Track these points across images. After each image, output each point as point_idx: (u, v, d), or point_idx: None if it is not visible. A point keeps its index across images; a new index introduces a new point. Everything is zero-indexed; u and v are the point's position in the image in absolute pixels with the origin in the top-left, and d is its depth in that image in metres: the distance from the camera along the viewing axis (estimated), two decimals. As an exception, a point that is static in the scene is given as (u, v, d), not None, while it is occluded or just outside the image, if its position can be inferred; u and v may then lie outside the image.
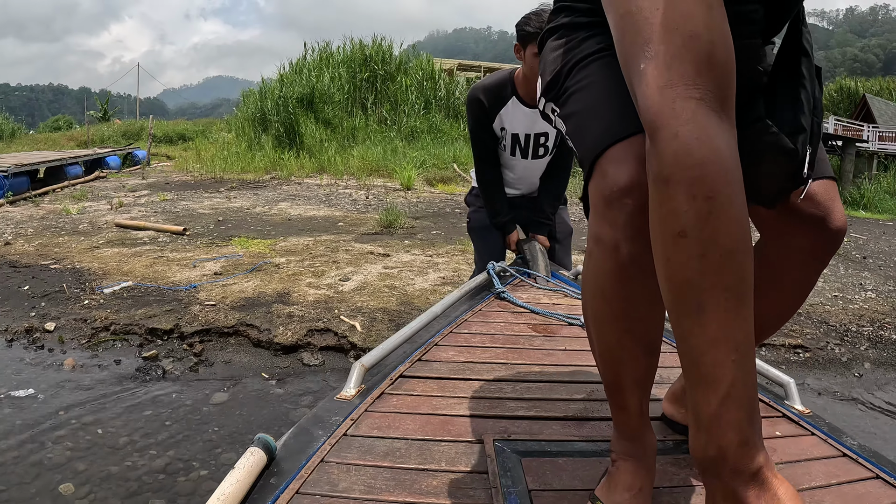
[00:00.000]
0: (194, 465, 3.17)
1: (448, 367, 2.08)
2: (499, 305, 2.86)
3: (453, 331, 2.45)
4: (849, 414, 4.21)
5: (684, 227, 0.88)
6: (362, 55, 22.73)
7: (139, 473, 3.10)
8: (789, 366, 4.83)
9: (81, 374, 4.20)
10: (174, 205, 11.21)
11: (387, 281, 5.99)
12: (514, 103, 3.18)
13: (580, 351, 2.32)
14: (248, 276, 6.07)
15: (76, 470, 3.14)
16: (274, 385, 4.10)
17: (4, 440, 3.40)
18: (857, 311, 6.18)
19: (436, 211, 10.80)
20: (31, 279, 6.27)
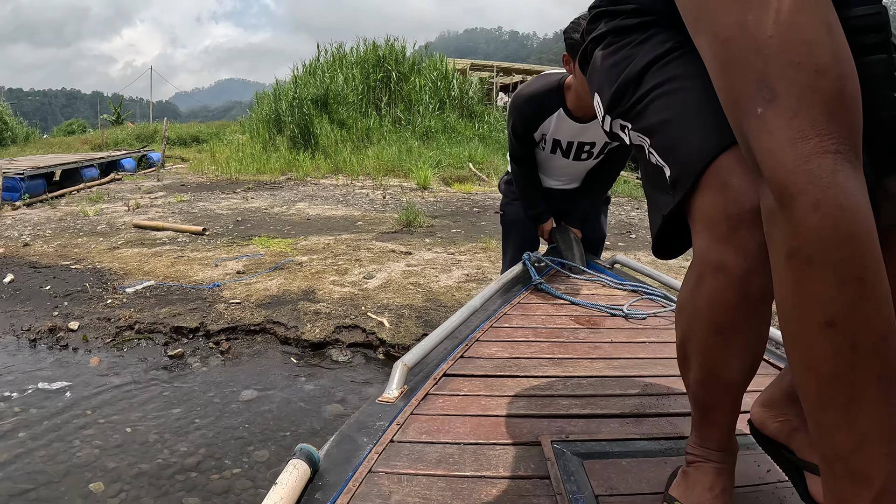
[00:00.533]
0: (226, 464, 3.12)
1: (493, 363, 2.04)
2: (537, 297, 2.80)
3: (494, 325, 2.40)
4: None
5: (833, 317, 0.75)
6: (375, 56, 22.76)
7: (171, 472, 3.06)
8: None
9: (107, 373, 4.16)
10: (191, 206, 11.20)
11: (411, 278, 5.94)
12: (561, 116, 2.87)
13: (627, 343, 2.26)
14: (272, 275, 6.02)
15: (106, 468, 3.10)
16: (304, 381, 4.04)
17: (32, 440, 3.37)
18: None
19: (454, 210, 10.73)
20: (52, 279, 6.25)
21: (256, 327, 4.73)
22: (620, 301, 2.72)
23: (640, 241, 8.56)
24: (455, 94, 22.72)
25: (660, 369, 2.03)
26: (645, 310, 2.63)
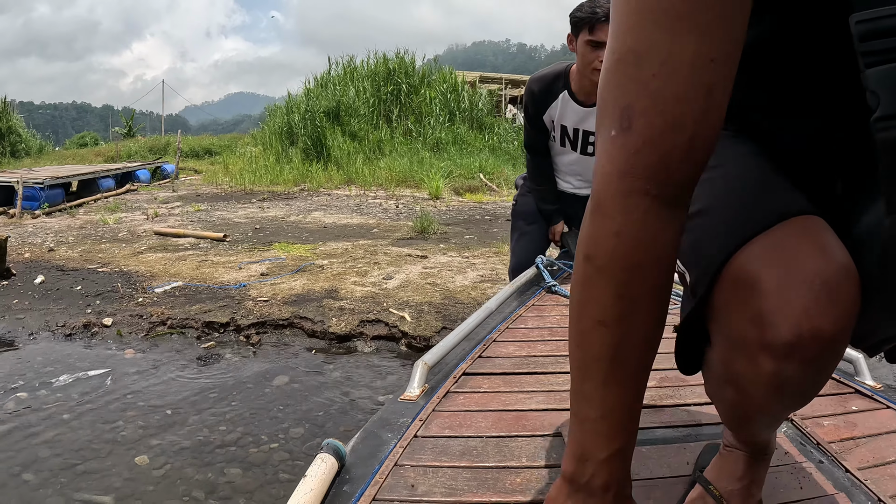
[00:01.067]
0: (263, 439, 3.35)
1: (511, 362, 2.10)
2: (551, 299, 2.88)
3: (510, 326, 2.48)
4: None
5: (605, 319, 0.88)
6: (386, 69, 23.09)
7: (211, 447, 3.29)
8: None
9: (144, 363, 4.40)
10: (209, 214, 11.48)
11: (428, 279, 6.17)
12: (565, 98, 3.13)
13: None
14: (295, 276, 6.26)
15: (149, 444, 3.32)
16: (332, 369, 4.28)
17: (77, 421, 3.59)
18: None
19: (466, 218, 10.98)
20: (81, 280, 6.51)
21: (284, 322, 4.97)
22: None
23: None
24: (465, 106, 23.02)
25: (670, 363, 1.99)
26: None
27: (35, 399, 3.88)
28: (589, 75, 2.94)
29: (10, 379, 4.17)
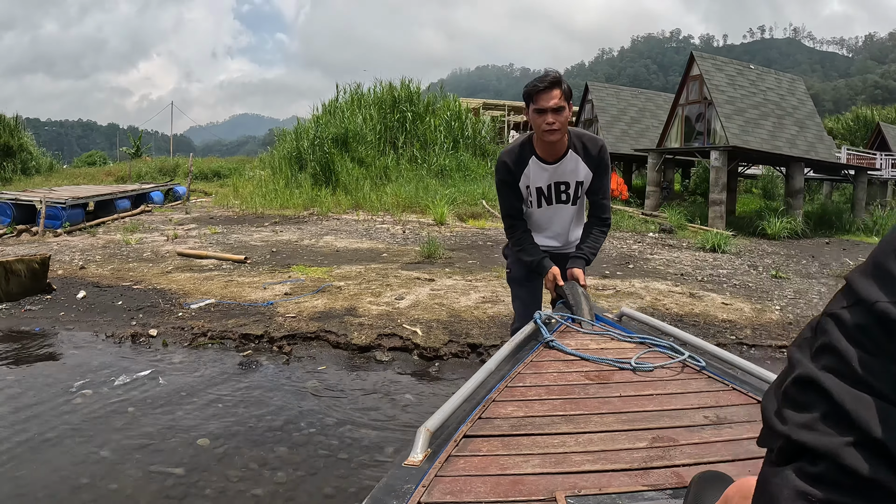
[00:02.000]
0: (302, 426, 4.07)
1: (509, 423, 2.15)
2: (549, 355, 2.91)
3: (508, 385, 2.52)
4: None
5: None
6: (392, 97, 23.95)
7: (260, 430, 4.00)
8: (775, 363, 5.63)
9: (191, 367, 5.11)
10: (226, 237, 12.20)
11: (436, 300, 6.89)
12: (534, 161, 3.57)
13: (635, 396, 2.40)
14: (316, 296, 6.99)
15: (207, 429, 4.03)
16: (356, 374, 5.01)
17: (140, 411, 4.30)
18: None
19: (469, 244, 11.69)
20: (120, 296, 7.23)
21: (312, 335, 5.68)
22: (628, 354, 2.85)
23: (636, 270, 9.48)
24: (468, 133, 23.86)
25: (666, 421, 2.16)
26: (652, 362, 2.75)
27: (100, 395, 4.59)
28: (541, 135, 3.43)
29: (73, 380, 4.88)
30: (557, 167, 3.59)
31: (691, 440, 1.89)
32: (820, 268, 11.16)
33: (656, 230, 16.35)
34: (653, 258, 10.99)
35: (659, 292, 7.80)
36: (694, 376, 2.63)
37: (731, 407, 2.30)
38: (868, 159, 33.25)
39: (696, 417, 2.20)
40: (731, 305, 7.39)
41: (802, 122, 21.43)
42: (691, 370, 2.69)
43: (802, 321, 6.88)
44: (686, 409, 2.28)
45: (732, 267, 10.57)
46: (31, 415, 4.22)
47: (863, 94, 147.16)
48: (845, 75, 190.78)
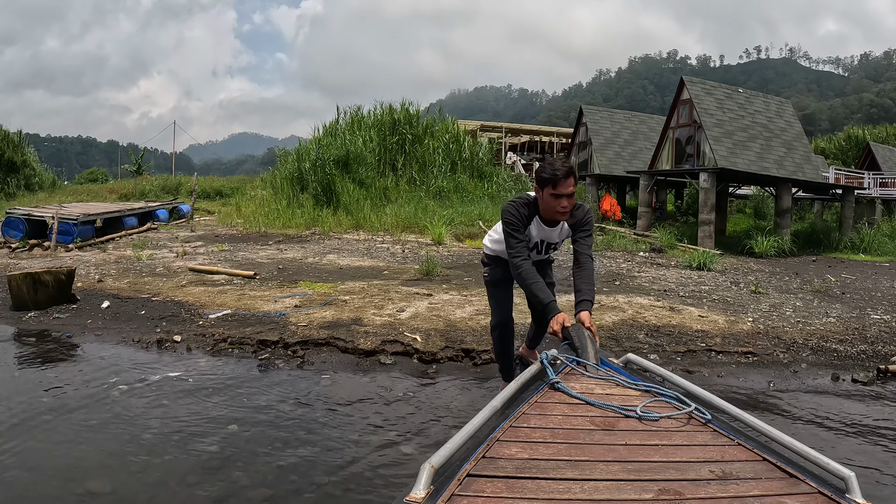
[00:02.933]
0: (318, 414, 4.72)
1: (513, 464, 2.13)
2: (554, 396, 2.90)
3: (513, 425, 2.51)
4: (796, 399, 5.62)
5: None
6: (391, 119, 24.68)
7: (283, 419, 4.64)
8: (740, 367, 6.27)
9: (215, 368, 5.75)
10: (233, 254, 12.85)
11: (434, 312, 7.53)
12: (537, 221, 4.32)
13: (641, 446, 2.38)
14: (324, 308, 7.63)
15: (236, 418, 4.67)
16: (363, 374, 5.67)
17: (173, 404, 4.92)
18: (811, 331, 7.61)
19: (466, 262, 12.33)
20: (142, 307, 7.87)
21: (322, 341, 6.33)
22: (634, 402, 2.84)
23: (622, 286, 10.15)
24: (466, 155, 24.53)
25: (672, 473, 2.14)
26: (658, 411, 2.74)
27: (134, 390, 5.22)
28: (553, 212, 4.16)
29: (108, 378, 5.51)
30: (552, 230, 4.33)
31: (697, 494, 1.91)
32: (801, 284, 11.79)
33: (647, 250, 16.96)
34: (640, 276, 11.64)
35: (641, 306, 8.45)
36: (699, 429, 2.63)
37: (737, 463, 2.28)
38: (856, 178, 34.17)
39: (702, 471, 2.19)
40: (706, 317, 8.02)
41: (790, 144, 22.17)
42: (697, 422, 2.68)
43: (772, 331, 7.52)
44: (692, 461, 2.28)
45: (715, 283, 11.20)
46: (76, 406, 4.84)
47: (858, 113, 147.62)
48: (841, 94, 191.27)
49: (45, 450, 4.05)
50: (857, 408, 5.43)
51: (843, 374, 6.29)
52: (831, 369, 6.46)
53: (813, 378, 6.17)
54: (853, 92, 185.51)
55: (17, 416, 4.59)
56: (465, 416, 4.81)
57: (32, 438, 4.20)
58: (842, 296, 10.43)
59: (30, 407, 4.79)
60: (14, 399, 4.96)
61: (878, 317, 8.64)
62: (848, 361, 6.72)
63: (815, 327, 7.86)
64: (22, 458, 3.92)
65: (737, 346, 6.84)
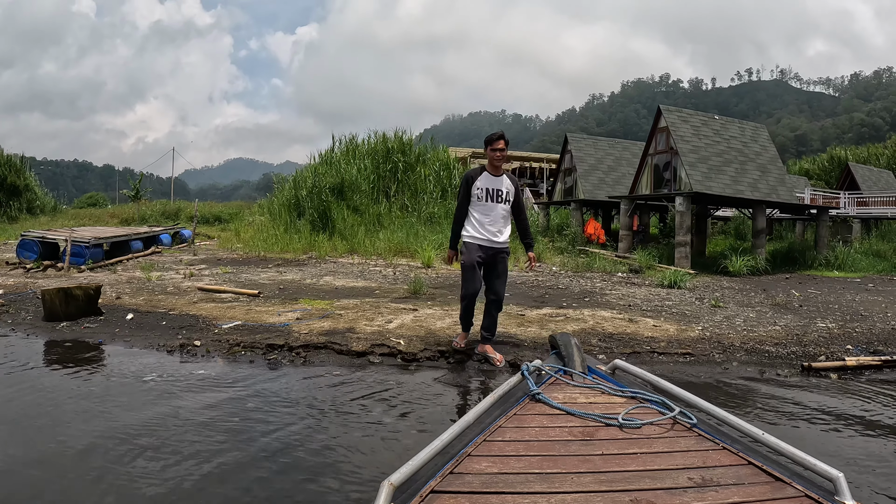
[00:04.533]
0: (321, 400, 5.85)
1: (480, 479, 2.13)
2: (534, 408, 2.90)
3: (487, 439, 2.50)
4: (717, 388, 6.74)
5: None
6: (385, 148, 25.99)
7: (291, 400, 5.76)
8: (677, 365, 7.41)
9: (231, 367, 6.90)
10: (237, 276, 14.01)
11: (417, 322, 8.70)
12: (486, 175, 6.80)
13: (618, 455, 2.39)
14: (322, 320, 8.79)
15: (251, 397, 5.80)
16: (356, 369, 6.84)
17: (201, 392, 6.01)
18: (752, 337, 8.79)
19: (452, 283, 13.50)
20: (162, 319, 9.02)
21: (321, 345, 7.47)
22: (617, 409, 2.84)
23: (591, 302, 11.33)
24: (456, 182, 25.76)
25: (647, 482, 2.15)
26: (641, 417, 2.73)
27: (167, 381, 6.36)
28: (492, 160, 6.78)
29: (142, 372, 6.65)
30: (497, 179, 6.85)
31: (672, 503, 1.91)
32: (764, 298, 12.95)
33: (625, 271, 18.10)
34: (610, 293, 12.81)
35: (602, 318, 9.62)
36: (683, 434, 2.63)
37: (719, 468, 2.27)
38: (833, 198, 35.68)
39: (679, 479, 2.19)
40: (659, 326, 9.18)
41: (765, 167, 23.41)
42: (681, 427, 2.69)
43: (716, 337, 8.67)
44: (671, 469, 2.27)
45: (680, 299, 12.34)
46: (119, 391, 5.96)
47: (850, 133, 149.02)
48: (832, 115, 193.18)
49: (101, 420, 5.17)
50: (765, 389, 6.56)
51: (769, 371, 7.43)
52: (760, 367, 7.59)
53: (740, 374, 7.31)
54: (844, 112, 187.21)
55: (74, 399, 5.74)
56: (435, 401, 6.01)
57: (90, 413, 5.34)
58: (798, 308, 11.58)
59: (82, 392, 5.94)
60: (68, 386, 6.11)
61: (823, 325, 9.80)
62: (777, 361, 7.85)
63: (758, 334, 9.00)
64: (90, 422, 5.05)
65: (678, 348, 7.99)
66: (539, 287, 13.41)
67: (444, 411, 5.68)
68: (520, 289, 12.97)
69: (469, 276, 6.93)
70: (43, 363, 7.06)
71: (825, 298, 13.05)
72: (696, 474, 2.20)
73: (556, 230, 28.06)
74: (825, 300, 12.78)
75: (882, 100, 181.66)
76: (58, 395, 5.88)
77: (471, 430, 2.60)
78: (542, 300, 11.44)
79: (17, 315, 9.58)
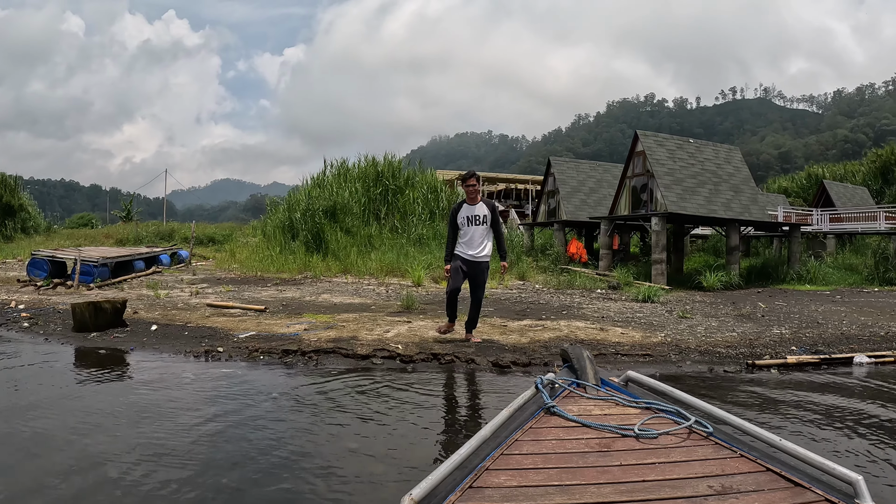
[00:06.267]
0: (337, 388, 7.01)
1: (500, 493, 2.16)
2: (550, 421, 2.91)
3: (504, 452, 2.52)
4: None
5: None
6: (375, 171, 27.21)
7: (308, 392, 6.90)
8: (637, 364, 8.60)
9: (253, 368, 8.04)
10: (240, 294, 15.16)
11: (412, 332, 9.91)
12: (465, 205, 8.40)
13: (636, 465, 2.41)
14: (328, 330, 9.99)
15: (276, 390, 6.94)
16: (361, 369, 8.00)
17: (230, 388, 7.13)
18: (708, 341, 10.07)
19: (441, 300, 14.51)
20: (183, 330, 10.17)
21: (330, 350, 8.66)
22: (633, 420, 2.86)
23: (569, 315, 12.59)
24: (444, 205, 26.98)
25: (667, 492, 2.18)
26: (657, 428, 2.75)
27: (199, 378, 7.51)
28: (468, 194, 8.55)
29: (177, 372, 7.77)
30: (474, 207, 8.49)
31: None
32: (731, 310, 14.27)
33: (604, 287, 19.31)
34: (587, 307, 14.04)
35: (576, 327, 10.84)
36: (700, 443, 2.65)
37: (738, 476, 2.30)
38: (807, 215, 37.40)
39: (699, 487, 2.21)
40: (626, 334, 10.41)
41: (738, 187, 24.78)
42: (698, 436, 2.71)
43: (676, 342, 9.92)
44: (689, 478, 2.30)
45: (651, 312, 13.60)
46: (161, 386, 7.07)
47: (833, 149, 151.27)
48: (816, 131, 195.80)
49: (150, 409, 6.31)
50: (711, 381, 7.76)
51: (717, 368, 8.64)
52: (710, 365, 8.82)
53: (691, 370, 8.52)
54: (827, 128, 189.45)
55: (124, 392, 6.89)
56: (429, 391, 7.19)
57: (142, 404, 6.47)
58: (760, 318, 12.87)
59: (127, 388, 7.09)
60: (116, 385, 7.27)
61: (777, 331, 11.07)
62: (727, 360, 9.10)
63: (715, 339, 10.25)
64: (142, 407, 6.20)
65: (640, 351, 9.22)
66: (522, 303, 14.62)
67: (440, 398, 6.97)
68: (504, 304, 14.20)
69: (453, 277, 8.92)
70: (85, 366, 8.21)
71: (789, 309, 14.34)
72: (716, 482, 2.23)
73: (539, 250, 29.37)
74: (788, 311, 14.07)
75: (865, 115, 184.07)
76: (116, 387, 7.10)
77: (487, 444, 2.63)
78: (523, 313, 12.65)
79: (47, 327, 10.72)
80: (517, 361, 8.24)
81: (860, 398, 7.23)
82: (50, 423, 5.73)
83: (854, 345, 10.23)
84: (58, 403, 6.39)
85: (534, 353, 8.75)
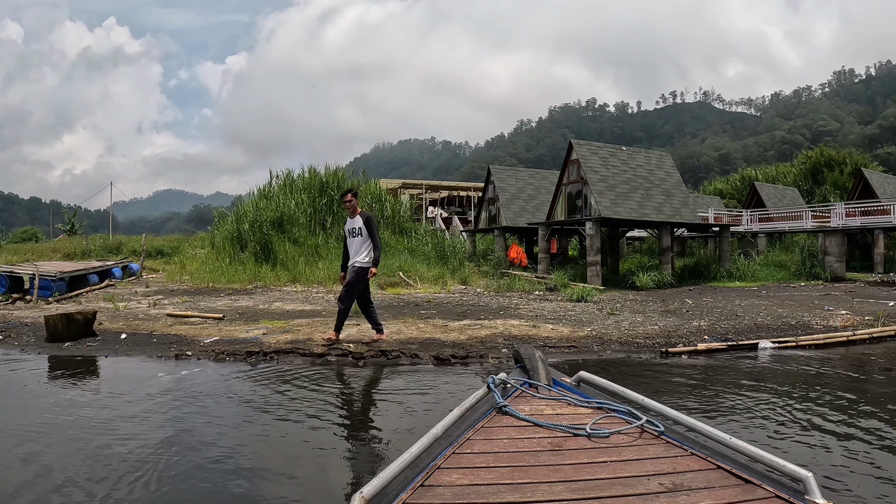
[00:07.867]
0: (304, 381, 8.08)
1: (451, 491, 2.19)
2: (502, 420, 2.94)
3: (456, 451, 2.56)
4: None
5: None
6: (319, 182, 28.17)
7: (274, 385, 7.98)
8: (563, 354, 9.89)
9: (221, 368, 9.11)
10: (196, 304, 16.10)
11: (361, 333, 11.09)
12: (348, 219, 9.62)
13: (588, 464, 2.46)
14: (284, 334, 11.09)
15: (243, 383, 8.00)
16: (319, 367, 9.14)
17: (205, 384, 8.17)
18: (630, 334, 11.47)
19: (387, 305, 15.88)
20: (151, 338, 11.14)
21: (288, 350, 9.79)
22: (585, 420, 2.91)
23: (505, 314, 13.90)
24: (388, 213, 28.07)
25: (619, 489, 2.21)
26: (609, 427, 2.80)
27: (174, 378, 8.53)
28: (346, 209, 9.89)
29: (151, 374, 8.74)
30: (352, 220, 9.69)
31: None
32: (659, 307, 15.78)
33: (542, 289, 20.67)
34: (524, 308, 15.35)
35: (511, 325, 12.10)
36: (652, 442, 2.69)
37: (689, 473, 2.35)
38: (737, 216, 39.68)
39: (650, 485, 2.26)
40: (556, 329, 11.70)
41: (669, 192, 26.44)
42: (649, 435, 2.75)
43: (600, 335, 11.27)
44: (641, 476, 2.35)
45: (583, 311, 14.97)
46: (140, 387, 8.07)
47: (772, 150, 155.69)
48: (754, 133, 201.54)
49: (138, 405, 7.34)
50: (625, 368, 9.05)
51: (634, 356, 9.98)
52: (628, 353, 10.16)
53: (611, 357, 9.83)
54: (766, 130, 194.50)
55: (110, 392, 7.90)
56: (379, 380, 8.33)
57: (122, 401, 7.49)
58: (685, 313, 14.36)
59: (113, 388, 8.09)
60: (103, 386, 8.28)
61: (696, 324, 12.50)
62: (644, 349, 10.49)
63: (637, 332, 11.61)
64: (126, 406, 7.23)
65: (567, 343, 10.52)
66: (463, 305, 15.85)
67: (389, 384, 8.13)
68: (446, 307, 15.45)
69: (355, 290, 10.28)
70: (63, 372, 9.11)
71: (714, 305, 15.86)
72: (667, 480, 2.26)
73: (481, 255, 30.68)
74: (712, 306, 15.58)
75: (802, 117, 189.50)
76: (101, 385, 8.13)
77: (439, 443, 2.68)
78: (463, 315, 13.89)
79: (20, 338, 11.53)
80: (456, 355, 9.48)
81: (749, 376, 8.73)
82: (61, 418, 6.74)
83: (763, 333, 11.70)
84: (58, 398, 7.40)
85: (471, 348, 9.97)
